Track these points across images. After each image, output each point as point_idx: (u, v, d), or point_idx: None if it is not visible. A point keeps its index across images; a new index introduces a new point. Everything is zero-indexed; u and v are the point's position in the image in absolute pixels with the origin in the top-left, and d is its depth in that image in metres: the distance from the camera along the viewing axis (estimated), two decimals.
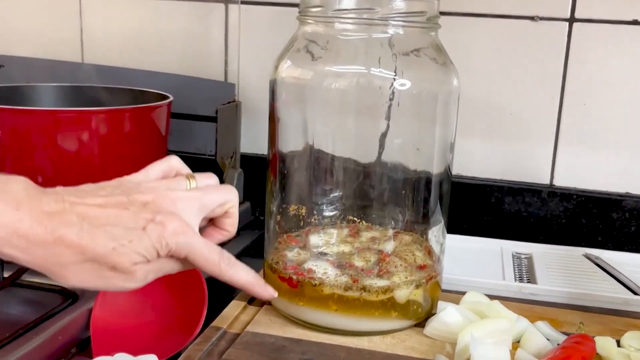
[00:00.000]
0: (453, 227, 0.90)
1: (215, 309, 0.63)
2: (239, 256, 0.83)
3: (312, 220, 0.64)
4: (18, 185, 0.44)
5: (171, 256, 0.48)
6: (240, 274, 0.53)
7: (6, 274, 0.65)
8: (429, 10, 0.57)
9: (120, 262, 0.45)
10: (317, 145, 0.61)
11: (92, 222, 0.45)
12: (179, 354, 0.56)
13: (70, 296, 0.63)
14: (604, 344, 0.56)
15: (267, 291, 0.56)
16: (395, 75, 0.56)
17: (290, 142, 0.62)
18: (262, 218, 0.72)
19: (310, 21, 0.58)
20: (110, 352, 0.57)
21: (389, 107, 0.57)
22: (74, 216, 0.44)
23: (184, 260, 0.49)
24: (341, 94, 0.57)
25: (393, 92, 0.56)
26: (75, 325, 0.59)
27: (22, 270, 0.61)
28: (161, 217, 0.46)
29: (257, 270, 0.71)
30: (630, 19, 0.84)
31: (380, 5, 0.55)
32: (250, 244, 0.87)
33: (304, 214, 0.63)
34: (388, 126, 0.59)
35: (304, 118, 0.60)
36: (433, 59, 0.59)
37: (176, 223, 0.47)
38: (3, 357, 0.52)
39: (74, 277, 0.45)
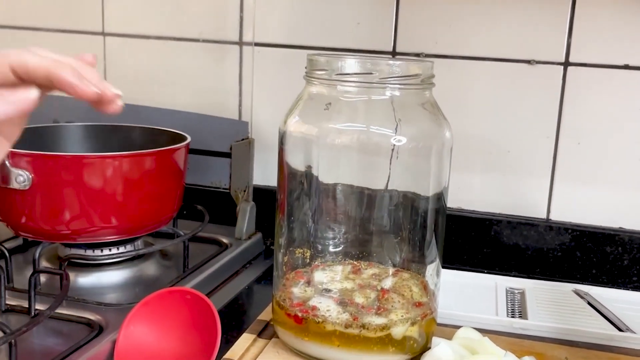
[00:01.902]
0: (453, 259, 0.96)
1: (228, 339, 0.69)
2: (251, 286, 0.89)
3: (317, 260, 0.70)
4: None
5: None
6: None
7: (39, 306, 0.71)
8: (423, 72, 0.62)
9: None
10: (321, 193, 0.67)
11: None
12: None
13: (95, 328, 0.69)
14: None
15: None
16: (392, 132, 0.62)
17: (297, 189, 0.67)
18: (272, 248, 0.78)
19: (315, 82, 0.63)
20: None
21: (390, 160, 0.62)
22: None
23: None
24: (343, 148, 0.63)
25: (394, 148, 0.62)
26: (100, 355, 0.64)
27: (60, 298, 0.67)
28: None
29: (266, 303, 0.77)
30: (622, 63, 0.89)
31: (378, 70, 0.60)
32: (262, 274, 0.93)
33: (308, 257, 0.68)
34: (389, 177, 0.64)
35: (309, 168, 0.66)
36: (427, 116, 0.64)
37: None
38: None
39: None
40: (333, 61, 0.62)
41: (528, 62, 0.92)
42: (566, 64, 0.91)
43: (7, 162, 0.74)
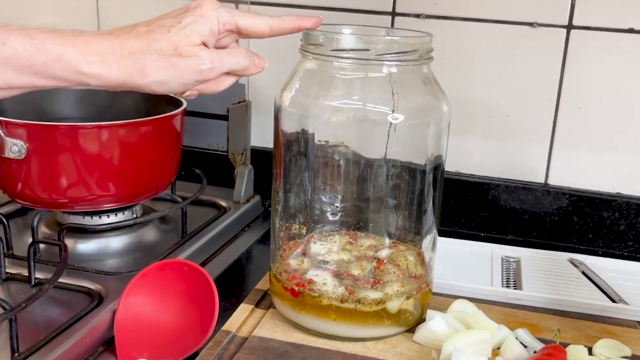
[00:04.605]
0: (451, 222, 0.96)
1: (227, 307, 0.70)
2: (250, 249, 0.90)
3: (314, 231, 0.70)
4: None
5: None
6: (284, 19, 0.59)
7: (39, 275, 0.72)
8: (420, 47, 0.61)
9: (180, 42, 0.53)
10: (317, 165, 0.67)
11: (143, 25, 0.55)
12: (195, 354, 0.63)
13: (95, 297, 0.70)
14: (576, 352, 0.62)
15: (311, 20, 0.60)
16: (389, 110, 0.61)
17: (293, 166, 0.67)
18: (271, 209, 0.78)
19: (310, 57, 0.62)
20: (131, 352, 0.64)
21: (387, 138, 0.62)
22: (127, 28, 0.55)
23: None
24: (339, 125, 0.62)
25: (390, 125, 0.61)
26: (101, 326, 0.65)
27: (59, 273, 0.67)
28: (196, 2, 0.56)
29: (265, 269, 0.78)
30: (626, 27, 0.87)
31: (375, 45, 0.59)
32: (261, 237, 0.93)
33: (305, 228, 0.69)
34: (385, 153, 0.64)
35: (305, 144, 0.65)
36: (425, 91, 0.63)
37: (210, 4, 0.56)
38: (39, 359, 0.59)
39: (152, 71, 0.53)
40: (329, 36, 0.60)
41: (530, 24, 0.90)
42: (569, 27, 0.89)
43: (0, 132, 0.74)
